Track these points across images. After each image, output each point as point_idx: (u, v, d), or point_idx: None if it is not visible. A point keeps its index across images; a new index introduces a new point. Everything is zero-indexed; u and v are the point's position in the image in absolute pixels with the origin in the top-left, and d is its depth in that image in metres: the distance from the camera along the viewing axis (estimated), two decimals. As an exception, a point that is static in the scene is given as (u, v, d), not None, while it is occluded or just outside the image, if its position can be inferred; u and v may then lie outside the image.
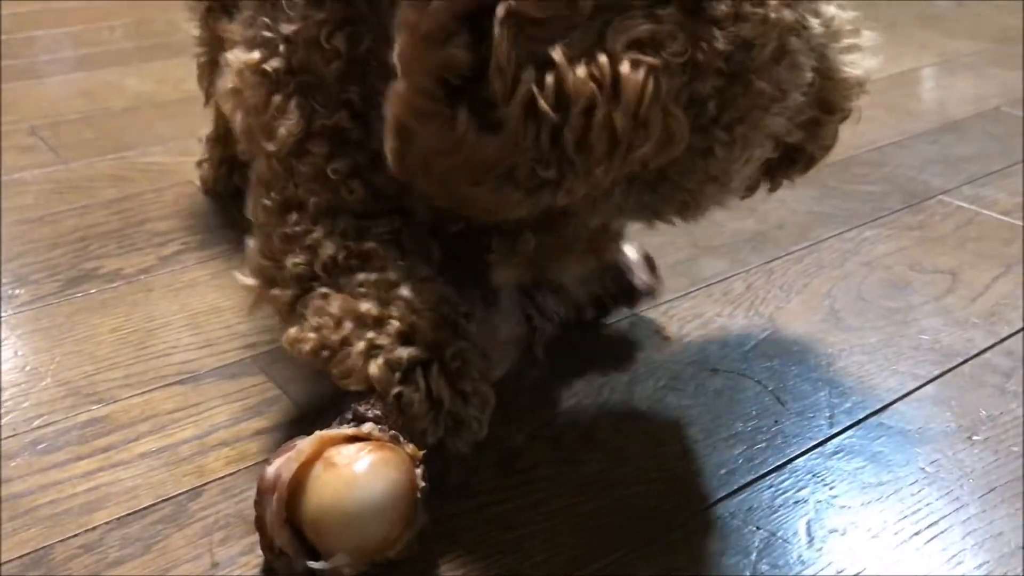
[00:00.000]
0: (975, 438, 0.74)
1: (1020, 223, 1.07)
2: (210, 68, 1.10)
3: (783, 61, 0.55)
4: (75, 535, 0.64)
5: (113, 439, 0.73)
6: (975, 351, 0.84)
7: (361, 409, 0.63)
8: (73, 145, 1.27)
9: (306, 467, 0.59)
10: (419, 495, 0.60)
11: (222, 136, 1.12)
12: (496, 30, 0.49)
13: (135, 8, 1.93)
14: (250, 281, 0.70)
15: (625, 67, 0.49)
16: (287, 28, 0.65)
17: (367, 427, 0.61)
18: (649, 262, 0.85)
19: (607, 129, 0.50)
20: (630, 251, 0.84)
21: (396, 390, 0.63)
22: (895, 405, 0.78)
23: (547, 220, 0.63)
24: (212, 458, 0.71)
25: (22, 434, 0.73)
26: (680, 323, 0.87)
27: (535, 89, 0.49)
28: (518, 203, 0.55)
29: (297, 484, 0.59)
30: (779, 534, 0.65)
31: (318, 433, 0.61)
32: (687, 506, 0.67)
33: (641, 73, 0.49)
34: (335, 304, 0.65)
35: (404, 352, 0.63)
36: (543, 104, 0.50)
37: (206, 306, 0.91)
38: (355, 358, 0.63)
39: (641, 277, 0.84)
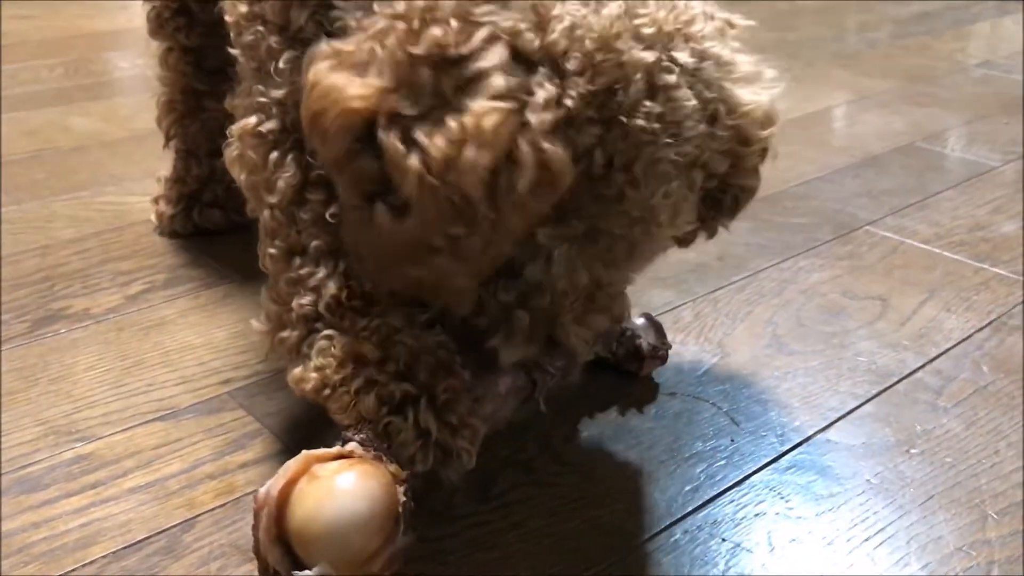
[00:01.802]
0: (913, 451, 0.81)
1: (939, 251, 1.16)
2: (170, 107, 1.12)
3: (657, 97, 0.58)
4: (73, 570, 0.66)
5: (100, 475, 0.75)
6: (908, 371, 0.91)
7: (349, 434, 0.66)
8: (25, 186, 1.27)
9: (292, 483, 0.62)
10: (401, 511, 0.63)
11: (181, 176, 1.14)
12: (380, 134, 0.56)
13: (71, 47, 1.93)
14: (261, 326, 0.73)
15: (474, 116, 0.55)
16: (277, 93, 0.70)
17: (351, 446, 0.65)
18: (656, 326, 0.88)
19: (476, 175, 0.55)
20: (637, 317, 0.88)
21: (385, 420, 0.66)
22: (839, 423, 0.84)
23: (524, 294, 0.66)
24: (200, 491, 0.73)
25: (8, 473, 0.75)
26: (637, 351, 0.92)
27: (420, 167, 0.55)
28: (455, 270, 0.60)
29: (284, 500, 0.61)
30: (743, 545, 0.70)
31: (305, 452, 0.64)
32: (657, 522, 0.72)
33: (493, 117, 0.54)
34: (339, 346, 0.68)
35: (397, 388, 0.66)
36: (428, 179, 0.55)
37: (177, 344, 0.93)
38: (352, 394, 0.67)
39: (648, 341, 0.87)
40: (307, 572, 0.60)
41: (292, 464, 0.62)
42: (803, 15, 2.40)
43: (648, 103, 0.58)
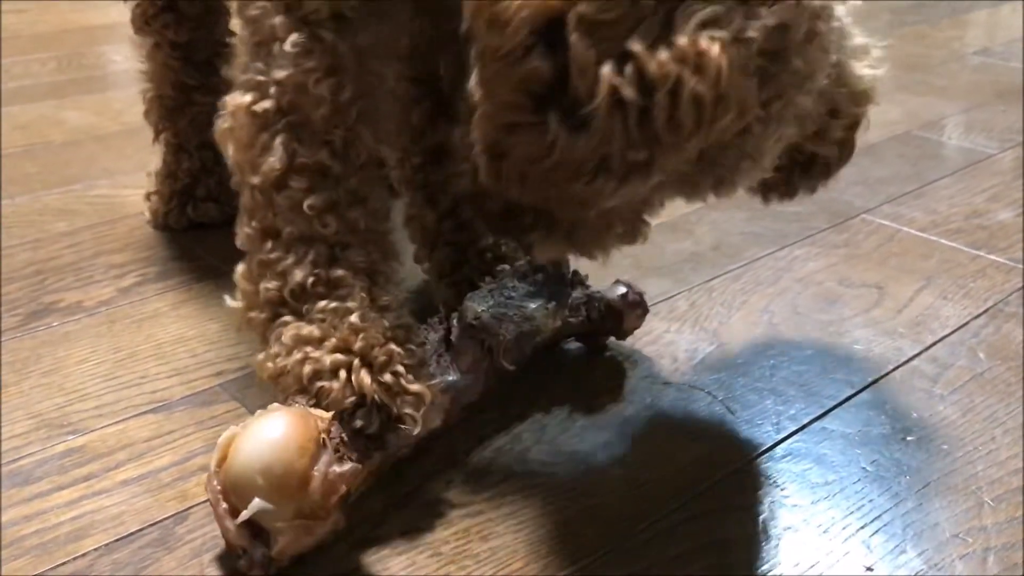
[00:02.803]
0: (909, 439, 0.80)
1: (936, 239, 1.15)
2: (158, 103, 1.11)
3: (814, 42, 0.58)
4: (65, 563, 0.66)
5: (92, 468, 0.74)
6: (904, 359, 0.91)
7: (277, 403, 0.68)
8: (16, 179, 1.27)
9: (225, 457, 0.63)
10: (324, 436, 0.63)
11: (172, 171, 1.13)
12: (571, 36, 0.53)
13: (63, 41, 1.93)
14: (235, 303, 0.73)
15: (704, 43, 0.52)
16: (278, 74, 0.69)
17: (273, 405, 0.66)
18: (628, 285, 0.89)
19: (693, 104, 0.53)
20: (614, 287, 0.88)
21: (317, 385, 0.67)
22: (835, 411, 0.84)
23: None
24: (193, 483, 0.73)
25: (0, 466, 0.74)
26: (632, 340, 0.91)
27: (617, 81, 0.53)
28: (612, 191, 0.57)
29: (220, 473, 0.63)
30: (739, 533, 0.70)
31: (231, 427, 0.65)
32: (652, 511, 0.72)
33: (717, 48, 0.52)
34: (289, 333, 0.69)
35: (329, 358, 0.67)
36: (628, 93, 0.52)
37: (170, 336, 0.92)
38: (293, 374, 0.68)
39: (621, 295, 0.87)
40: (244, 513, 0.60)
41: (221, 439, 0.64)
42: (799, 5, 2.39)
43: (807, 46, 0.58)
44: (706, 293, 1.02)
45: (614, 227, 0.67)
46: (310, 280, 0.70)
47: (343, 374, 0.67)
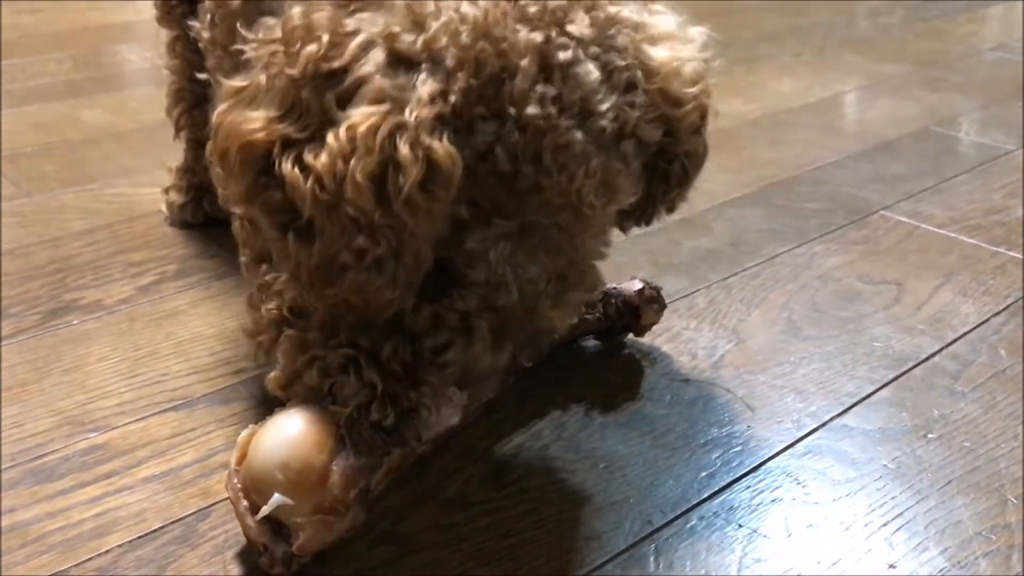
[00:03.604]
0: (930, 436, 0.80)
1: (955, 235, 1.15)
2: (179, 96, 1.12)
3: (552, 78, 0.57)
4: (89, 559, 0.66)
5: (115, 465, 0.75)
6: (924, 356, 0.91)
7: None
8: (35, 178, 1.27)
9: (245, 453, 0.64)
10: (343, 431, 0.64)
11: (191, 166, 1.14)
12: (275, 161, 0.56)
13: (80, 40, 1.93)
14: (245, 331, 0.74)
15: (351, 126, 0.54)
16: None
17: (292, 403, 0.66)
18: (644, 280, 0.88)
19: (361, 183, 0.54)
20: (630, 283, 0.88)
21: (329, 383, 0.67)
22: (855, 408, 0.83)
23: (485, 297, 0.64)
24: (215, 480, 0.73)
25: (23, 464, 0.75)
26: (650, 337, 0.91)
27: (313, 188, 0.55)
28: (373, 286, 0.59)
29: (240, 471, 0.63)
30: (760, 530, 0.70)
31: (250, 425, 0.66)
32: (673, 508, 0.72)
33: (366, 123, 0.54)
34: (290, 342, 0.69)
35: (337, 356, 0.67)
36: (322, 196, 0.55)
37: (190, 334, 0.92)
38: (298, 375, 0.68)
39: (638, 291, 0.87)
40: (264, 509, 0.60)
41: (241, 438, 0.65)
42: (814, 0, 2.38)
43: (540, 87, 0.56)
44: (724, 290, 1.02)
45: (539, 311, 0.66)
46: (300, 296, 0.70)
47: (352, 369, 0.67)
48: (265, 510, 0.61)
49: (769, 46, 1.96)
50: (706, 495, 0.73)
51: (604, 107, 0.58)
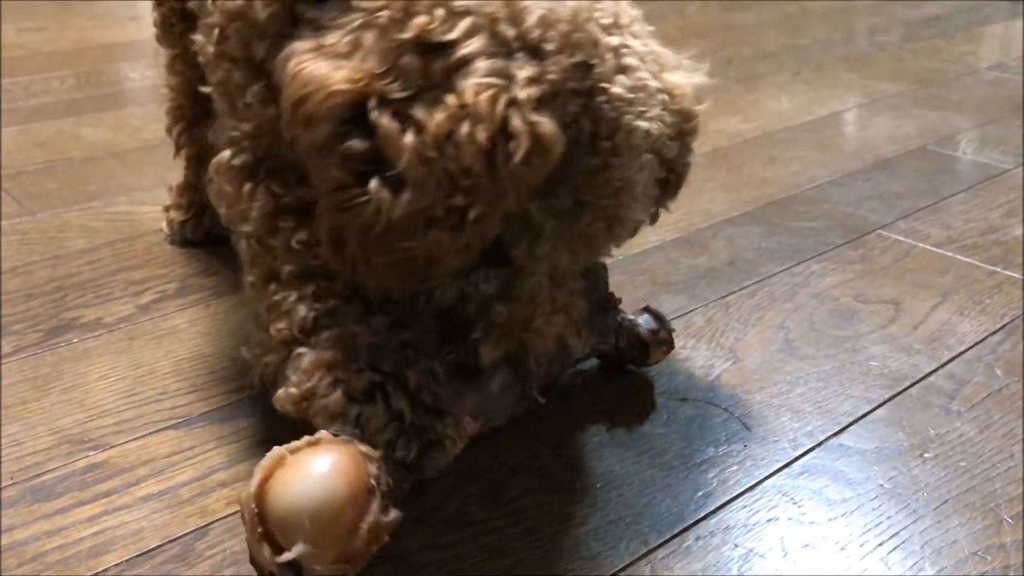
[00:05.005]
0: (926, 455, 0.80)
1: (952, 254, 1.15)
2: (179, 114, 1.13)
3: (627, 73, 0.64)
4: (86, 578, 0.66)
5: (114, 484, 0.75)
6: (920, 375, 0.91)
7: (324, 431, 0.66)
8: (37, 196, 1.28)
9: (268, 478, 0.62)
10: (374, 483, 0.62)
11: (192, 184, 1.14)
12: (372, 113, 0.59)
13: (82, 58, 1.94)
14: (247, 352, 0.74)
15: (468, 96, 0.58)
16: (247, 126, 0.72)
17: (321, 434, 0.65)
18: (655, 314, 0.88)
19: (474, 146, 0.58)
20: (640, 313, 0.88)
21: (356, 411, 0.67)
22: (851, 427, 0.84)
23: (506, 284, 0.68)
24: (213, 499, 0.74)
25: (22, 482, 0.75)
26: (648, 356, 0.92)
27: (415, 143, 0.58)
28: (448, 242, 0.62)
29: (262, 496, 0.61)
30: (756, 550, 0.70)
31: (276, 447, 0.64)
32: (670, 527, 0.72)
33: (485, 96, 0.58)
34: (307, 359, 0.69)
35: (362, 379, 0.67)
36: (427, 152, 0.58)
37: (190, 352, 0.93)
38: (321, 397, 0.68)
39: (648, 327, 0.87)
40: (286, 554, 0.60)
41: (266, 461, 0.63)
42: (812, 18, 2.39)
43: (621, 76, 0.64)
44: (722, 309, 1.03)
45: (544, 312, 0.70)
46: (312, 314, 0.71)
47: (379, 399, 0.67)
48: (287, 556, 0.60)
49: (768, 64, 1.97)
50: (702, 515, 0.73)
51: (654, 113, 0.66)
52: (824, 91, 1.80)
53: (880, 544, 0.71)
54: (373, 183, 0.60)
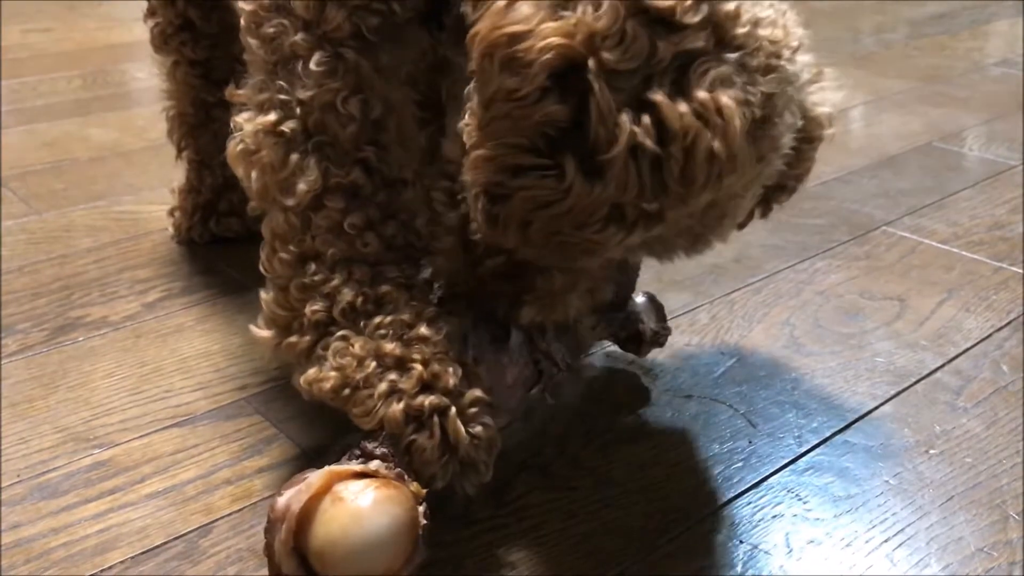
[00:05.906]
0: (932, 452, 0.80)
1: (958, 251, 1.15)
2: (180, 120, 1.13)
3: (790, 107, 0.61)
4: (91, 575, 0.66)
5: (118, 481, 0.75)
6: (926, 371, 0.91)
7: (369, 447, 0.65)
8: (43, 195, 1.28)
9: (315, 500, 0.62)
10: (420, 532, 0.63)
11: (195, 187, 1.14)
12: (593, 83, 0.54)
13: (88, 59, 1.95)
14: (265, 332, 0.71)
15: (724, 100, 0.54)
16: (303, 93, 0.68)
17: (374, 465, 0.64)
18: (658, 310, 0.88)
19: (707, 158, 0.54)
20: (641, 298, 0.88)
21: (410, 437, 0.65)
22: (857, 424, 0.83)
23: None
24: (218, 496, 0.74)
25: (27, 480, 0.75)
26: (653, 352, 0.91)
27: (637, 129, 0.54)
28: (620, 241, 0.58)
29: (305, 516, 0.61)
30: (761, 547, 0.70)
31: (327, 468, 0.63)
32: (673, 524, 0.72)
33: (734, 105, 0.54)
34: (357, 344, 0.67)
35: (425, 400, 0.66)
36: (648, 142, 0.54)
37: (195, 351, 0.93)
38: (376, 399, 0.66)
39: (649, 325, 0.87)
40: None
41: (315, 480, 0.62)
42: (818, 16, 2.39)
43: (786, 112, 0.60)
44: (727, 306, 1.02)
45: (580, 287, 0.68)
46: (359, 299, 0.69)
47: (437, 429, 0.65)
48: None
49: (773, 62, 1.96)
50: (707, 511, 0.73)
51: (787, 146, 0.64)
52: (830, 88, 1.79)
53: (886, 540, 0.71)
54: (570, 163, 0.55)
